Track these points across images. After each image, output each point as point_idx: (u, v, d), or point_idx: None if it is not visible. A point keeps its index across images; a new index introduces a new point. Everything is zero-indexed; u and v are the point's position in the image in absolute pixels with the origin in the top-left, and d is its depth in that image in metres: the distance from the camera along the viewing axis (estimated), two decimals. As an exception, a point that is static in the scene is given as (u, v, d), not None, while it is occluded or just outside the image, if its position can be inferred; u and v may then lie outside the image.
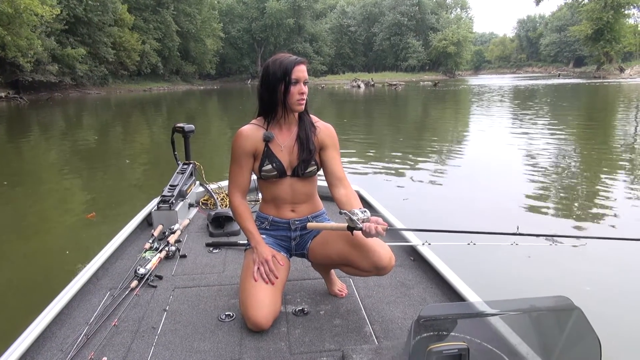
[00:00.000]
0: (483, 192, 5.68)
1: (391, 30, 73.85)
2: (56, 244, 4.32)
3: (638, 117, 14.02)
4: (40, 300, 2.02)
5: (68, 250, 4.03)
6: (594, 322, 1.15)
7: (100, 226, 4.56)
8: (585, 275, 3.26)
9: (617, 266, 3.35)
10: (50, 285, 3.36)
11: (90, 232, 4.46)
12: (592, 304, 2.42)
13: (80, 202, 5.92)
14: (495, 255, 3.43)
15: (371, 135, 11.51)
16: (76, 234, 4.50)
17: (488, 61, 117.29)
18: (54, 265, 3.78)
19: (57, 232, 4.72)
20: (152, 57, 44.65)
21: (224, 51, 61.35)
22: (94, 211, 4.75)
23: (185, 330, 1.85)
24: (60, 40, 33.75)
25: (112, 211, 5.21)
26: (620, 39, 54.92)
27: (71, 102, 28.32)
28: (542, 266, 3.34)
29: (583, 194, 5.52)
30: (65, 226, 4.85)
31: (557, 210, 4.92)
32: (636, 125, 12.05)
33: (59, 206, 5.75)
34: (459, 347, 1.17)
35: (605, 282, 3.16)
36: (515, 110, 16.70)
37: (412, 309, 1.97)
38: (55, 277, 3.49)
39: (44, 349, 1.73)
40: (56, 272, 3.63)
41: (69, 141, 11.69)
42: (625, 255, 3.48)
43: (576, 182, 6.13)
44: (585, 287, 3.08)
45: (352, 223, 1.68)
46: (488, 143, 9.79)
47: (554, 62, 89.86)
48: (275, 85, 1.85)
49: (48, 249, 4.19)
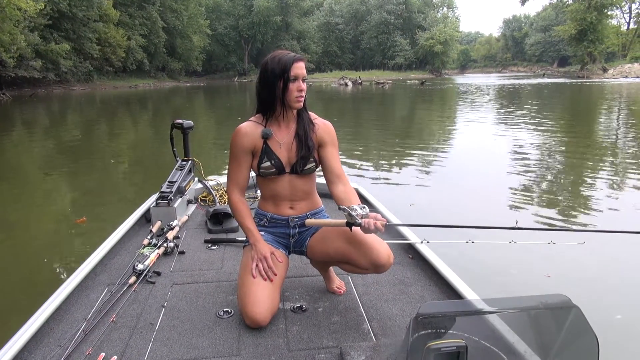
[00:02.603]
0: (478, 189, 5.73)
1: (378, 28, 73.93)
2: (54, 240, 4.31)
3: (622, 118, 14.23)
4: (38, 296, 2.00)
5: (63, 247, 4.01)
6: (592, 320, 1.15)
7: (90, 222, 4.53)
8: (584, 273, 3.28)
9: (616, 263, 3.38)
10: (48, 281, 3.35)
11: (82, 228, 4.43)
12: (591, 302, 2.44)
13: (70, 198, 5.87)
14: (493, 253, 3.44)
15: (359, 134, 11.53)
16: (68, 231, 4.46)
17: (474, 60, 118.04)
18: (52, 262, 3.76)
19: (55, 228, 4.69)
20: (137, 53, 44.15)
21: (210, 48, 60.83)
22: (84, 215, 4.70)
23: (184, 327, 1.84)
24: (44, 35, 33.12)
25: (98, 208, 5.16)
26: (603, 40, 55.69)
27: (55, 99, 27.89)
28: (541, 264, 3.36)
29: (581, 191, 5.59)
30: (63, 222, 4.82)
31: (555, 207, 4.98)
32: (618, 126, 12.24)
33: (57, 201, 5.70)
34: (457, 345, 1.17)
35: (605, 280, 3.19)
36: (504, 109, 16.84)
37: (410, 307, 1.98)
38: (53, 273, 3.47)
39: (42, 345, 1.72)
40: (53, 268, 3.61)
41: (53, 138, 11.53)
42: (625, 252, 3.51)
43: (574, 179, 6.21)
44: (584, 285, 3.11)
45: (351, 219, 1.69)
46: (477, 141, 9.87)
47: (539, 62, 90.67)
48: (274, 82, 1.84)
49: (45, 246, 4.16)
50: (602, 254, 3.48)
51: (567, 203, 5.15)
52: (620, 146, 8.65)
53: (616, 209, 4.77)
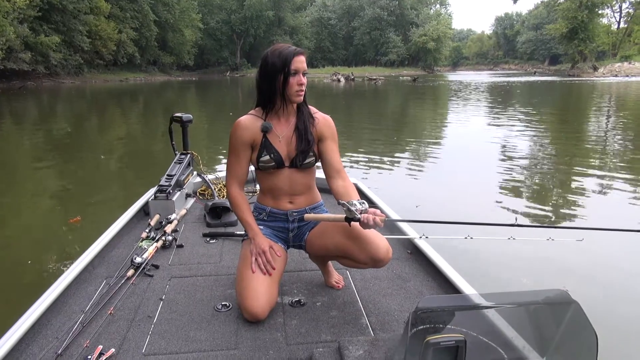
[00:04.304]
0: (476, 186, 5.75)
1: (371, 24, 73.99)
2: (48, 235, 4.27)
3: (619, 119, 14.33)
4: (35, 289, 1.98)
5: (59, 240, 3.97)
6: (591, 316, 1.15)
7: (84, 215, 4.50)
8: (582, 269, 3.29)
9: (615, 261, 3.39)
10: (45, 274, 3.33)
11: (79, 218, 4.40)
12: (590, 298, 2.45)
13: (61, 190, 5.82)
14: (492, 249, 3.45)
15: (352, 131, 11.52)
16: (62, 227, 4.42)
17: (466, 57, 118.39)
18: (49, 255, 3.72)
19: (49, 222, 4.65)
20: (128, 46, 43.75)
21: (202, 42, 60.49)
22: (78, 215, 4.66)
23: (182, 320, 1.84)
24: (33, 27, 32.73)
25: (93, 200, 5.12)
26: (594, 38, 56.20)
27: (45, 92, 27.56)
28: (540, 259, 3.37)
29: (581, 188, 5.60)
30: (56, 214, 4.79)
31: (554, 204, 5.01)
32: (616, 125, 12.33)
33: (49, 194, 5.66)
34: (456, 339, 1.17)
35: (603, 277, 3.20)
36: (497, 106, 16.93)
37: (408, 302, 1.98)
38: (50, 266, 3.45)
39: (39, 337, 1.71)
40: (50, 261, 3.59)
41: (45, 131, 11.40)
42: (623, 248, 3.54)
43: (571, 177, 6.22)
44: (584, 281, 3.12)
45: (350, 214, 1.68)
46: (472, 137, 9.90)
47: (530, 60, 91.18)
48: (274, 76, 1.83)
49: (40, 240, 4.13)
50: (601, 250, 3.49)
51: (567, 200, 5.16)
52: (619, 145, 8.70)
53: (616, 207, 4.80)
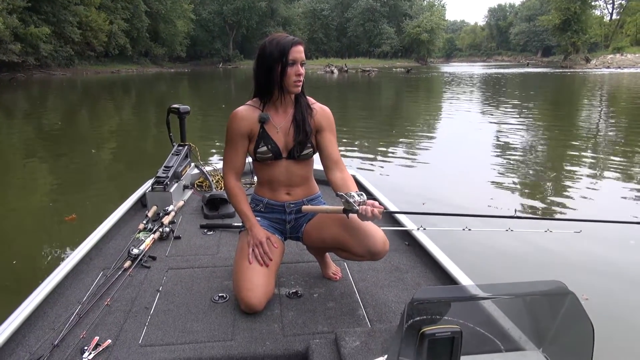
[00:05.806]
0: (474, 177, 5.76)
1: (364, 15, 73.68)
2: (45, 227, 4.26)
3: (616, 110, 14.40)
4: (32, 280, 1.97)
5: (54, 233, 3.94)
6: (588, 307, 1.14)
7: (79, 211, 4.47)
8: (580, 261, 3.30)
9: (612, 251, 3.41)
10: (42, 265, 3.32)
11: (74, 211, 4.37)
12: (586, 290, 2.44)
13: (54, 183, 5.77)
14: (490, 241, 3.45)
15: (346, 120, 11.51)
16: (57, 218, 4.40)
17: (459, 49, 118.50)
18: (45, 246, 3.72)
19: (43, 214, 4.63)
20: (120, 38, 43.25)
21: (194, 33, 59.86)
22: (74, 213, 4.62)
23: (178, 311, 1.84)
24: (23, 18, 32.29)
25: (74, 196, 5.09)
26: (586, 30, 56.40)
27: (35, 83, 27.27)
28: (537, 251, 3.38)
29: (577, 180, 5.61)
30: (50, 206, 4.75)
31: (551, 196, 5.02)
32: (614, 117, 12.38)
33: (45, 186, 5.60)
34: (452, 330, 1.17)
35: (600, 268, 3.21)
36: (492, 98, 16.97)
37: (405, 293, 1.98)
38: (47, 257, 3.44)
39: (36, 327, 1.70)
40: (47, 252, 3.58)
41: (36, 123, 11.29)
42: (621, 239, 3.55)
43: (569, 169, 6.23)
44: (581, 272, 3.12)
45: (349, 205, 1.67)
46: (468, 129, 9.90)
47: (523, 51, 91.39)
48: (272, 66, 1.81)
49: (35, 232, 4.11)
50: (599, 242, 3.50)
51: (565, 192, 5.17)
52: (617, 137, 8.72)
53: (614, 199, 4.81)
